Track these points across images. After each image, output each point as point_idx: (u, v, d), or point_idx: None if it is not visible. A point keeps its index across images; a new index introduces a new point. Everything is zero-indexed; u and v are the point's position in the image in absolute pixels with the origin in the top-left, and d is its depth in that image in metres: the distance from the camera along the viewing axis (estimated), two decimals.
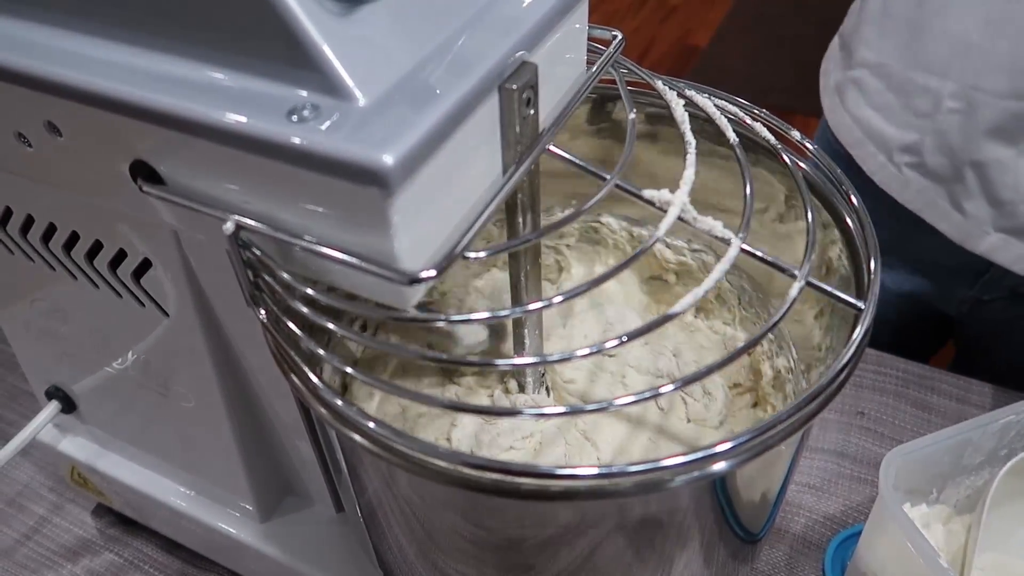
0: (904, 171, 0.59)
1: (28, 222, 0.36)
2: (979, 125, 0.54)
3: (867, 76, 0.61)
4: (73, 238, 0.36)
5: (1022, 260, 0.57)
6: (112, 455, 0.49)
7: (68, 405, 0.47)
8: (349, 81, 0.24)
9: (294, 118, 0.24)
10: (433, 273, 0.25)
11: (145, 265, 0.35)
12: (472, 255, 0.26)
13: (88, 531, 0.55)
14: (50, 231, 0.36)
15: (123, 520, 0.55)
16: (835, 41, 0.67)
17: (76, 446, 0.50)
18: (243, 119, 0.24)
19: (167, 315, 0.36)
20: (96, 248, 0.35)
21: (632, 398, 0.27)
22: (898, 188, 0.60)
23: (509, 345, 0.41)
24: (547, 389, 0.41)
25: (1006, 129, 0.53)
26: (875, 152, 0.61)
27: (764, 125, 0.36)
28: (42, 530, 0.55)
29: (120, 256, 0.35)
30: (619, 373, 0.42)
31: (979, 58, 0.53)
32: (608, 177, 0.30)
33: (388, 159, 0.23)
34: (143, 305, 0.37)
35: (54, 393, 0.47)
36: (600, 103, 0.43)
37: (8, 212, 0.37)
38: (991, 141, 0.54)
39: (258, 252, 0.27)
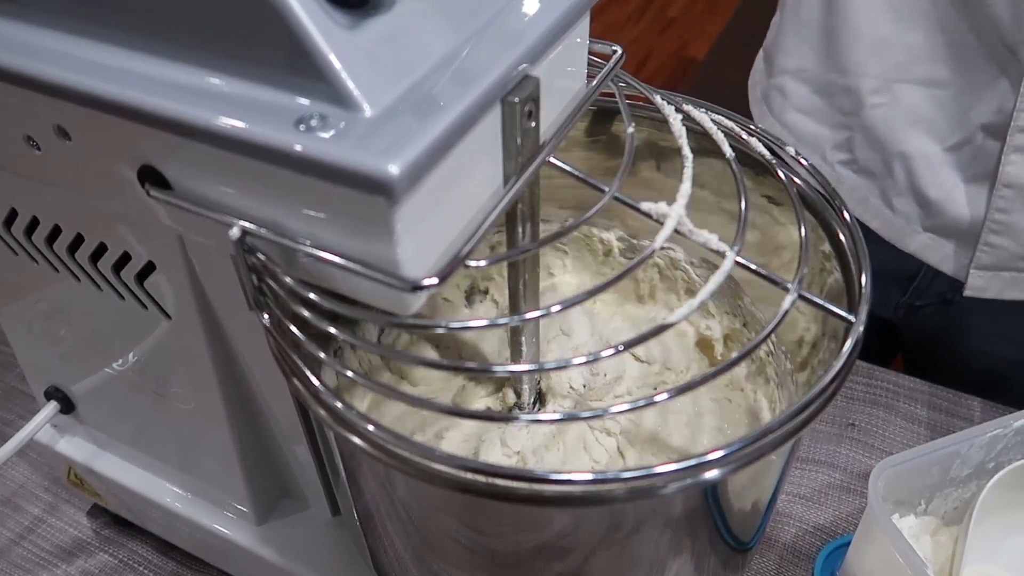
0: (837, 169, 0.62)
1: (33, 224, 0.37)
2: (904, 116, 0.56)
3: (789, 82, 0.63)
4: (78, 240, 0.36)
5: (949, 260, 0.59)
6: (109, 456, 0.50)
7: (67, 406, 0.47)
8: (356, 92, 0.25)
9: (302, 127, 0.24)
10: (435, 281, 0.25)
11: (149, 268, 0.35)
12: (473, 263, 0.27)
13: (83, 532, 0.55)
14: (55, 233, 0.36)
15: (118, 521, 0.55)
16: (760, 54, 0.69)
17: (73, 446, 0.50)
18: (252, 127, 0.25)
19: (169, 317, 0.37)
20: (100, 251, 0.36)
21: (627, 406, 0.27)
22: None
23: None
24: (540, 396, 0.41)
25: (930, 119, 0.55)
26: (809, 153, 0.62)
27: (759, 140, 0.37)
28: (37, 530, 0.55)
29: (124, 259, 0.35)
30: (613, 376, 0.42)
31: (896, 52, 0.55)
32: (607, 189, 0.31)
33: (393, 169, 0.23)
34: (145, 307, 0.37)
35: (53, 393, 0.47)
36: (600, 117, 0.43)
37: (14, 213, 0.37)
38: (916, 132, 0.56)
39: (262, 257, 0.28)
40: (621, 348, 0.27)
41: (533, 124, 0.29)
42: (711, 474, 0.27)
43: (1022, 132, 0.51)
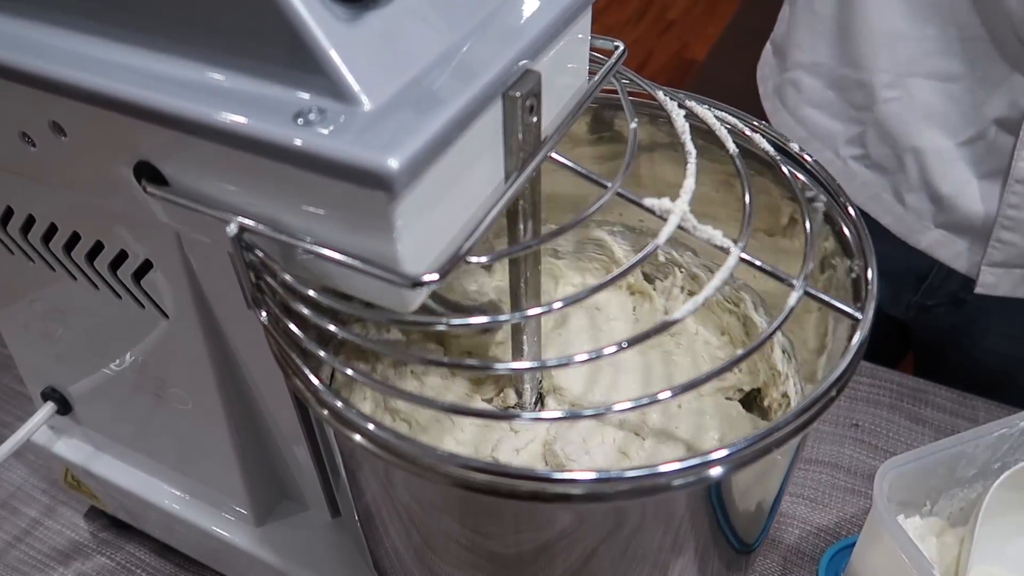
0: (849, 164, 0.61)
1: (29, 222, 0.36)
2: (917, 110, 0.56)
3: (803, 76, 0.63)
4: (74, 239, 0.36)
5: (961, 257, 0.58)
6: (107, 457, 0.49)
7: (64, 407, 0.47)
8: (355, 86, 0.24)
9: (300, 121, 0.24)
10: (435, 277, 0.25)
11: (146, 266, 0.35)
12: (474, 260, 0.26)
13: (80, 534, 0.55)
14: (51, 231, 0.36)
15: (116, 523, 0.54)
16: (767, 48, 0.69)
17: (71, 448, 0.50)
18: (250, 121, 0.24)
19: (167, 316, 0.36)
20: (97, 249, 0.35)
21: (630, 404, 0.27)
22: (844, 182, 0.62)
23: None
24: (541, 397, 0.41)
25: (943, 113, 0.55)
26: (820, 148, 0.63)
27: (763, 136, 0.36)
28: (34, 532, 0.55)
29: (121, 257, 0.35)
30: (614, 380, 0.42)
31: (910, 46, 0.55)
32: (609, 185, 0.30)
33: (393, 163, 0.23)
34: (143, 306, 0.37)
35: (50, 394, 0.47)
36: (602, 112, 0.43)
37: (9, 212, 0.37)
38: (930, 126, 0.56)
39: (260, 254, 0.27)
40: (625, 345, 0.27)
41: (535, 119, 0.29)
42: (715, 472, 0.26)
43: None
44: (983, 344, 0.65)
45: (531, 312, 0.29)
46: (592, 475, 0.26)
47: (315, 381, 0.28)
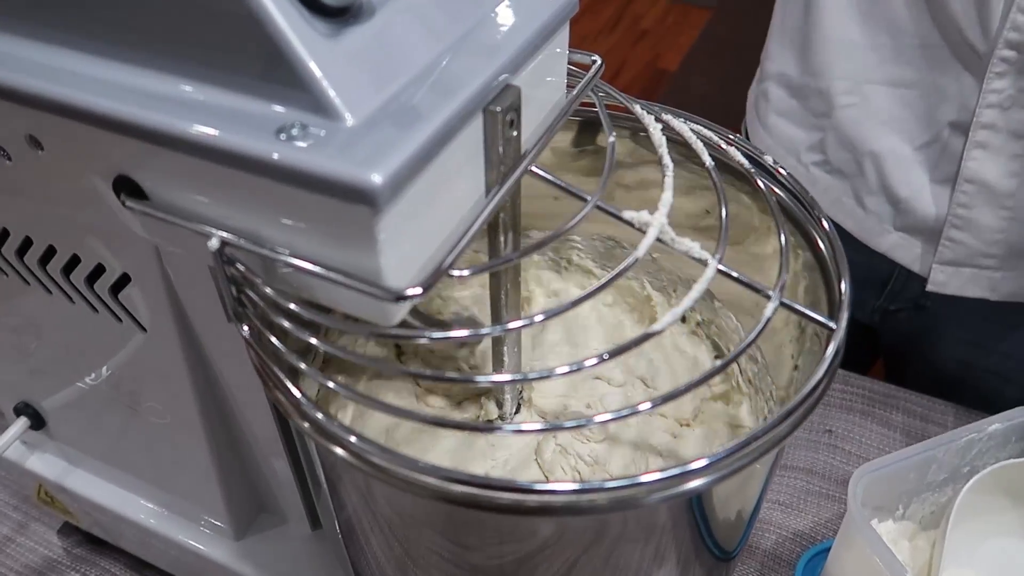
0: (811, 170, 0.63)
1: (3, 236, 0.36)
2: (873, 116, 0.57)
3: (772, 86, 0.65)
4: (49, 252, 0.35)
5: (918, 259, 0.60)
6: (81, 472, 0.49)
7: (37, 422, 0.46)
8: (337, 101, 0.25)
9: (283, 136, 0.24)
10: (419, 291, 0.25)
11: (123, 280, 0.34)
12: (456, 273, 0.27)
13: (54, 551, 0.54)
14: (26, 245, 0.36)
15: (90, 539, 0.54)
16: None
17: (44, 463, 0.49)
18: (233, 136, 0.24)
19: (144, 330, 0.36)
20: (73, 263, 0.35)
21: (610, 415, 0.27)
22: (807, 187, 0.63)
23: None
24: (520, 406, 0.41)
25: (898, 118, 0.56)
26: (785, 155, 0.64)
27: (738, 150, 0.37)
28: (6, 550, 0.54)
29: (98, 271, 0.35)
30: (595, 387, 0.42)
31: (865, 55, 0.56)
32: (589, 198, 0.31)
33: (376, 178, 0.23)
34: (120, 320, 0.36)
35: (23, 409, 0.46)
36: (584, 127, 0.43)
37: None
38: (887, 132, 0.57)
39: (242, 268, 0.27)
40: (606, 356, 0.27)
41: (515, 133, 0.29)
42: (695, 483, 0.27)
43: (984, 129, 0.53)
44: (941, 349, 0.66)
45: (512, 325, 0.29)
46: (572, 486, 0.26)
47: (297, 394, 0.28)
